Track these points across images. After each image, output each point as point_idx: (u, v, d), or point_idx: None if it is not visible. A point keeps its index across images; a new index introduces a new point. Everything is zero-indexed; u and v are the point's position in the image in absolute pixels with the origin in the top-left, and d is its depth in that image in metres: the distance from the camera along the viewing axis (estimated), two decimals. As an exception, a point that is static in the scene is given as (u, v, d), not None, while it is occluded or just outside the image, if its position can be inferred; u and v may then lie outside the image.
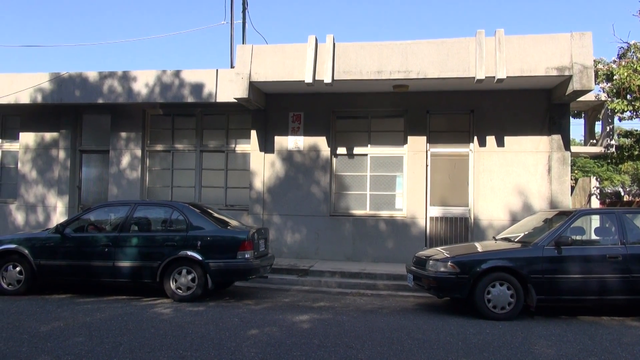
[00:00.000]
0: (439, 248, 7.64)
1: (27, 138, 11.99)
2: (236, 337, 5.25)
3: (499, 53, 8.75)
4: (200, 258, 7.22)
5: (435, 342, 5.24)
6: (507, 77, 8.75)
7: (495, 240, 7.75)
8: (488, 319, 6.35)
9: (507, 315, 6.37)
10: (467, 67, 8.95)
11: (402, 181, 10.53)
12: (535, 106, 9.97)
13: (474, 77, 8.91)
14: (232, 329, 5.59)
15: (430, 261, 6.81)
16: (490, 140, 10.10)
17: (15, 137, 12.23)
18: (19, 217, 11.85)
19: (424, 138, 10.33)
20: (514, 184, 9.97)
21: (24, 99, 11.24)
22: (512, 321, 6.30)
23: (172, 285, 7.27)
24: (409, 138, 10.39)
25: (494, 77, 8.81)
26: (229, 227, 7.75)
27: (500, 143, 10.05)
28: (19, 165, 12.00)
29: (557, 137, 9.83)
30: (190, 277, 7.26)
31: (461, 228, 10.21)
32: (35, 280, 7.62)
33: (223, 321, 5.95)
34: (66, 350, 4.67)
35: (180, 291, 7.26)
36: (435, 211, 10.32)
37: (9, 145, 12.32)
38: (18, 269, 7.59)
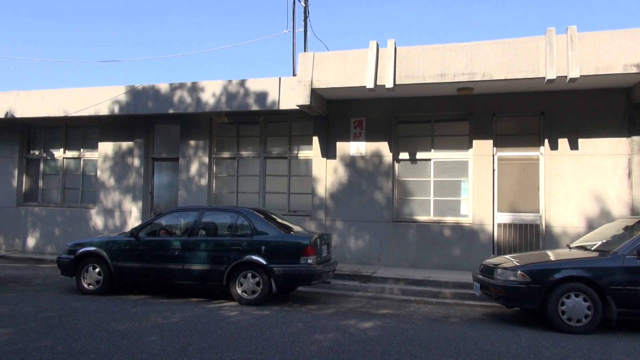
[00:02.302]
0: (507, 256, 7.34)
1: (106, 147, 12.80)
2: (300, 341, 5.30)
3: (571, 51, 8.31)
4: (264, 262, 7.37)
5: (505, 354, 5.03)
6: (580, 76, 8.30)
7: (570, 248, 7.34)
8: (562, 331, 6.01)
9: (583, 328, 6.00)
10: (536, 67, 8.57)
11: (467, 186, 10.23)
12: (612, 106, 9.37)
13: (544, 78, 8.52)
14: (295, 333, 5.65)
15: (499, 269, 6.56)
16: (563, 143, 9.60)
17: (94, 147, 13.09)
18: (99, 222, 12.64)
19: (490, 142, 9.99)
20: (589, 189, 9.40)
21: (103, 110, 12.01)
22: (589, 335, 5.92)
23: (238, 289, 7.47)
24: (474, 142, 10.09)
25: (565, 76, 8.38)
26: (292, 233, 7.86)
27: (573, 146, 9.53)
28: (98, 172, 12.82)
29: (637, 139, 9.18)
30: (255, 281, 7.42)
31: (531, 235, 9.75)
32: (113, 281, 8.08)
33: (287, 325, 6.03)
34: (140, 348, 4.92)
35: (246, 294, 7.44)
36: (504, 217, 9.93)
37: (89, 155, 13.20)
38: (97, 270, 8.09)
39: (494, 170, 10.00)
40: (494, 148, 10.03)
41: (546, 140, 9.72)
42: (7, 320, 5.90)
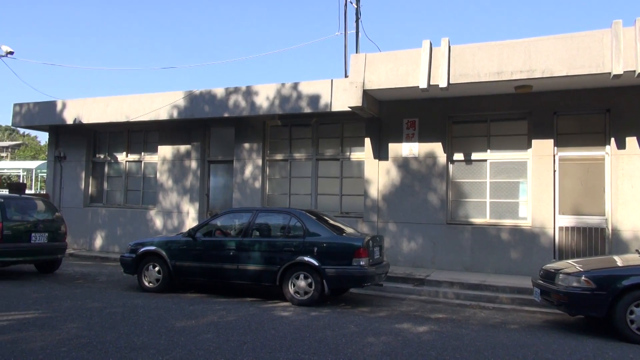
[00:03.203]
0: (570, 261, 7.00)
1: (165, 151, 13.31)
2: (352, 343, 5.28)
3: (640, 44, 7.82)
4: (316, 264, 7.40)
5: (568, 364, 4.79)
6: (650, 70, 7.79)
7: (639, 253, 6.90)
8: (631, 342, 5.66)
9: (655, 339, 5.62)
10: (601, 62, 8.12)
11: (526, 188, 9.84)
12: (687, 101, 8.73)
13: (609, 73, 8.06)
14: (348, 335, 5.64)
15: (561, 275, 6.26)
16: (631, 141, 9.04)
17: (154, 150, 13.64)
18: (158, 222, 13.16)
19: (551, 141, 9.57)
20: (661, 191, 8.80)
21: (163, 115, 12.50)
22: (661, 346, 5.54)
23: (291, 290, 7.55)
24: (533, 142, 9.69)
25: (634, 71, 7.89)
26: (344, 234, 7.86)
27: (643, 145, 8.96)
28: (158, 175, 13.35)
29: None
30: (307, 282, 7.48)
31: (596, 239, 9.25)
32: (172, 279, 8.37)
33: (339, 327, 6.02)
34: (197, 345, 5.07)
35: (298, 295, 7.51)
36: (566, 220, 9.48)
37: (149, 158, 13.77)
38: (157, 268, 8.41)
39: (554, 170, 9.57)
40: (555, 148, 9.60)
41: (612, 139, 9.19)
42: (75, 315, 6.26)
